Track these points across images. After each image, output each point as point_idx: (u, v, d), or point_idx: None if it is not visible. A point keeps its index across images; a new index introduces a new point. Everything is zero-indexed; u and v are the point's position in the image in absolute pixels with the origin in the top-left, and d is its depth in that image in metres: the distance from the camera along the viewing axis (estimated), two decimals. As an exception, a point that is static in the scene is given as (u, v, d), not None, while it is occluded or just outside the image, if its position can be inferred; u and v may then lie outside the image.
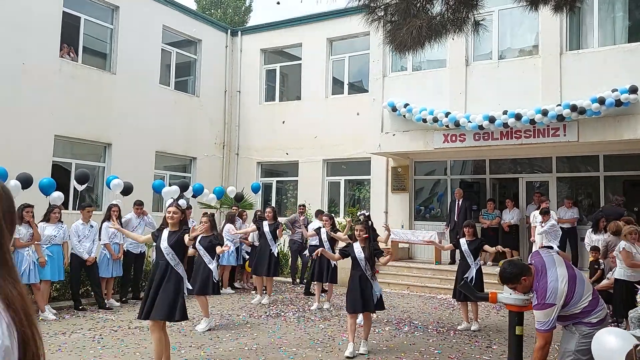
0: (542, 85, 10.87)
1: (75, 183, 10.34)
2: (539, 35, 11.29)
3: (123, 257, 9.28)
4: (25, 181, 8.75)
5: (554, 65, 10.84)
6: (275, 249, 9.68)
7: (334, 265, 9.19)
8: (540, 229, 9.99)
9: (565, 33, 10.95)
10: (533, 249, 9.84)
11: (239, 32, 17.47)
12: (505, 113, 10.60)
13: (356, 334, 6.45)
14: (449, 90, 11.90)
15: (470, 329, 7.74)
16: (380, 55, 12.62)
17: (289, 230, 12.05)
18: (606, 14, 10.86)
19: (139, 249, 9.56)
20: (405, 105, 11.98)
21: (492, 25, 11.03)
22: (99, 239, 8.95)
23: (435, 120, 11.43)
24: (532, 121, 10.38)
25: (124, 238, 9.30)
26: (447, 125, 11.34)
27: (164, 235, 5.46)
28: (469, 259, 7.77)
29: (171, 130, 14.91)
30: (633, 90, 9.74)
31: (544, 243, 9.66)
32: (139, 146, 13.84)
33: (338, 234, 9.14)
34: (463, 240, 7.90)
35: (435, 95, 11.90)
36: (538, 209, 11.27)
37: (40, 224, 8.19)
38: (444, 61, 12.19)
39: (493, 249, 7.90)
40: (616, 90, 9.81)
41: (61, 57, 12.45)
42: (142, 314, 5.37)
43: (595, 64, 10.48)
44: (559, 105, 10.24)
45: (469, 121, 10.99)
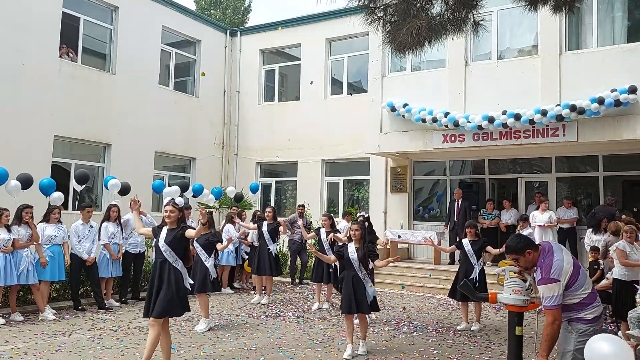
0: (542, 85, 10.87)
1: (74, 183, 10.34)
2: (538, 35, 11.29)
3: (122, 258, 9.28)
4: (26, 181, 8.76)
5: (553, 65, 10.85)
6: (274, 248, 9.67)
7: (334, 265, 9.18)
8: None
9: (565, 33, 10.96)
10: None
11: (238, 33, 17.48)
12: (504, 113, 10.61)
13: (355, 334, 6.46)
14: (448, 91, 11.90)
15: (471, 329, 7.74)
16: (379, 55, 12.63)
17: (288, 230, 12.04)
18: (605, 14, 10.87)
19: (138, 249, 9.56)
20: (405, 105, 11.99)
21: (492, 26, 11.04)
22: (99, 239, 8.95)
23: (434, 120, 11.44)
24: (532, 121, 10.39)
25: (123, 238, 9.31)
26: (447, 126, 11.35)
27: (163, 233, 5.48)
28: (472, 260, 7.75)
29: (171, 130, 14.92)
30: (632, 90, 9.75)
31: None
32: (139, 146, 13.86)
33: (338, 235, 9.12)
34: (466, 241, 7.87)
35: (435, 96, 11.91)
36: (538, 208, 11.30)
37: (40, 224, 8.19)
38: (443, 61, 12.20)
39: (496, 251, 7.79)
40: (615, 90, 9.82)
41: (60, 58, 12.45)
42: (147, 313, 5.38)
43: (594, 64, 10.49)
44: (558, 105, 10.25)
45: (468, 121, 11.00)
